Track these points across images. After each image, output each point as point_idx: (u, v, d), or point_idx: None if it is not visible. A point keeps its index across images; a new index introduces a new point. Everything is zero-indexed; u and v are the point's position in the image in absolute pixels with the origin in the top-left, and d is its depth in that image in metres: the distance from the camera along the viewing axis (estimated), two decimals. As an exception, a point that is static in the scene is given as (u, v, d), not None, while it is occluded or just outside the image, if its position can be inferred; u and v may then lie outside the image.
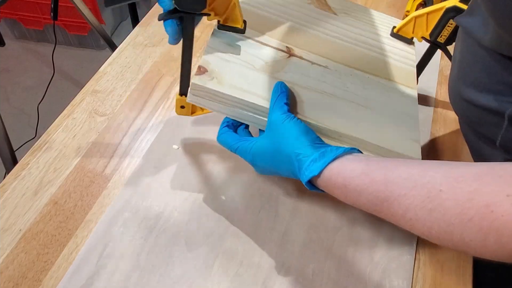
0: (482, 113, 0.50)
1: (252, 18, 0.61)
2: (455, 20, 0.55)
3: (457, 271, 0.53)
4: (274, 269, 0.52)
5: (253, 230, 0.55)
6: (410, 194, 0.39)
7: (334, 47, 0.63)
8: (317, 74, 0.58)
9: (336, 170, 0.44)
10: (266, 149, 0.49)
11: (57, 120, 0.68)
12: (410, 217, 0.38)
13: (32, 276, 0.51)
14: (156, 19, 0.88)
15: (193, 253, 0.53)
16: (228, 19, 0.52)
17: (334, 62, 0.61)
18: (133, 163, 0.63)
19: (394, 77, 0.62)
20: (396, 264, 0.53)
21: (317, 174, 0.44)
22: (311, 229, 0.56)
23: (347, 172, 0.43)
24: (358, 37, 0.66)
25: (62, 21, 1.91)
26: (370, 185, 0.41)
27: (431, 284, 0.52)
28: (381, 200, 0.41)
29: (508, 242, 0.33)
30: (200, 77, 0.52)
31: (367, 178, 0.42)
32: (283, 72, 0.56)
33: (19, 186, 0.60)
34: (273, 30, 0.62)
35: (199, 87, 0.51)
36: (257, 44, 0.59)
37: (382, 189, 0.40)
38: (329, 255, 0.54)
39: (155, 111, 0.70)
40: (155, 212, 0.57)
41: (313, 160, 0.45)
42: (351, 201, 0.44)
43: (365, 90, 0.58)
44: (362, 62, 0.62)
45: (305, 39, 0.63)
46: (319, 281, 0.51)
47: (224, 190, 0.59)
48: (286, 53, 0.59)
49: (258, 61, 0.56)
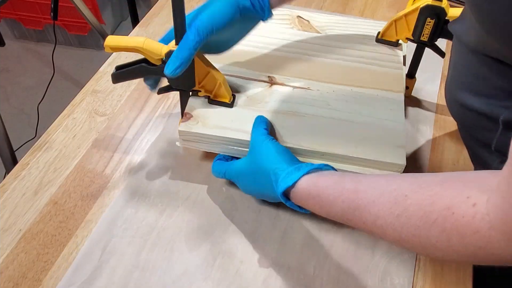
0: (477, 118, 0.50)
1: (235, 54, 0.64)
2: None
3: (457, 271, 0.53)
4: (274, 269, 0.52)
5: (253, 230, 0.55)
6: (378, 201, 0.40)
7: (317, 66, 0.65)
8: (298, 98, 0.61)
9: (311, 181, 0.46)
10: (247, 168, 0.52)
11: (57, 120, 0.68)
12: (381, 223, 0.40)
13: (32, 276, 0.51)
14: (156, 19, 0.88)
15: (193, 252, 0.53)
16: (216, 95, 0.58)
17: (317, 82, 0.63)
18: (133, 163, 0.63)
19: (378, 84, 0.63)
20: (397, 262, 0.53)
21: (292, 185, 0.46)
22: (311, 228, 0.56)
23: (321, 183, 0.45)
24: (342, 51, 0.68)
25: (62, 21, 1.91)
26: (342, 194, 0.43)
27: (431, 284, 0.52)
28: (352, 208, 0.42)
29: (470, 242, 0.34)
30: (186, 124, 0.57)
31: (339, 187, 0.43)
32: (264, 102, 0.60)
33: (19, 186, 0.60)
34: (255, 62, 0.66)
35: (186, 133, 0.56)
36: (239, 80, 0.63)
37: (352, 198, 0.42)
38: (329, 254, 0.54)
39: (155, 111, 0.70)
40: (155, 211, 0.57)
41: (288, 173, 0.47)
42: (325, 211, 0.45)
43: (348, 104, 0.60)
44: (346, 76, 0.64)
45: (287, 64, 0.65)
46: (320, 280, 0.51)
47: (224, 190, 0.59)
48: (268, 82, 0.63)
49: (241, 97, 0.60)
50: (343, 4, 0.92)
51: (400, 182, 0.40)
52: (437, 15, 0.60)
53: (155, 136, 0.66)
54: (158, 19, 0.88)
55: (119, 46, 0.53)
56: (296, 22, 0.73)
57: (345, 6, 0.92)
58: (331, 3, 0.93)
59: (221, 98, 0.59)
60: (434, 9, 0.60)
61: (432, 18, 0.61)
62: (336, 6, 0.92)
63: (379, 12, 0.90)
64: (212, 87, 0.57)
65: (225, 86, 0.58)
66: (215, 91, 0.58)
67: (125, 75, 0.57)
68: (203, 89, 0.58)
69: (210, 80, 0.57)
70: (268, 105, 0.59)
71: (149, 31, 0.85)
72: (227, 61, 0.65)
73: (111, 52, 0.55)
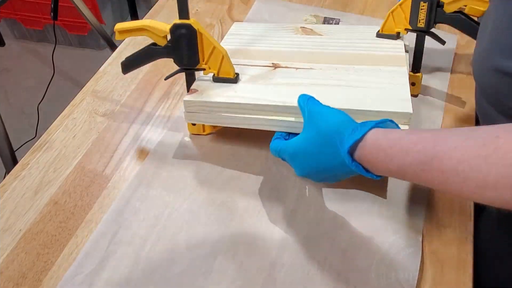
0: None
1: (241, 52, 0.68)
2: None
3: (457, 270, 0.53)
4: (275, 268, 0.52)
5: (254, 229, 0.55)
6: (462, 145, 0.38)
7: (319, 54, 0.67)
8: (302, 75, 0.62)
9: (380, 133, 0.44)
10: (307, 139, 0.50)
11: (57, 120, 0.68)
12: (463, 168, 0.37)
13: (32, 276, 0.51)
14: (156, 19, 0.87)
15: (194, 253, 0.53)
16: (220, 72, 0.61)
17: (319, 64, 0.64)
18: (133, 163, 0.63)
19: (381, 62, 0.64)
20: (402, 257, 0.53)
21: (360, 139, 0.44)
22: (313, 224, 0.56)
23: (392, 134, 0.43)
24: (344, 43, 0.70)
25: (62, 21, 1.91)
26: (418, 143, 0.41)
27: (431, 284, 0.52)
28: (430, 156, 0.39)
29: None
30: (191, 95, 0.59)
31: (414, 137, 0.41)
32: (268, 79, 0.61)
33: (19, 186, 0.60)
34: (260, 55, 0.68)
35: (191, 103, 0.58)
36: (244, 66, 0.64)
37: (431, 146, 0.40)
38: (333, 249, 0.53)
39: (155, 111, 0.70)
40: (156, 211, 0.57)
41: (354, 128, 0.45)
42: (396, 164, 0.42)
43: (350, 75, 0.61)
44: (348, 60, 0.65)
45: (291, 55, 0.67)
46: (323, 275, 0.51)
47: (225, 189, 0.59)
48: (272, 67, 0.64)
49: (245, 76, 0.62)
50: (343, 4, 0.92)
51: (485, 128, 0.38)
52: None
53: (155, 135, 0.66)
54: (158, 19, 0.88)
55: (128, 28, 0.57)
56: (300, 30, 0.75)
57: (345, 6, 0.92)
58: (331, 3, 0.93)
59: (225, 74, 0.60)
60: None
61: (425, 1, 0.62)
62: (336, 6, 0.92)
63: (379, 12, 0.90)
64: (217, 63, 0.59)
65: (228, 60, 0.59)
66: (219, 66, 0.60)
67: (134, 62, 0.61)
68: (207, 66, 0.60)
69: (215, 55, 0.59)
70: (272, 81, 0.61)
71: (149, 31, 0.85)
72: (231, 56, 0.65)
73: (121, 38, 0.59)
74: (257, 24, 0.79)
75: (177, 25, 0.57)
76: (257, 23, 0.80)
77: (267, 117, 0.57)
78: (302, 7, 0.91)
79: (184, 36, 0.57)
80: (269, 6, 0.90)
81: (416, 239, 0.55)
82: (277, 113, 0.56)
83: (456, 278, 0.52)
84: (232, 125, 0.59)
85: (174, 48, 0.59)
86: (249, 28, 0.77)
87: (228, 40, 0.73)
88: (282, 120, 0.57)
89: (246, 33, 0.75)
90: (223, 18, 0.88)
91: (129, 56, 0.61)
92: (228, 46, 0.69)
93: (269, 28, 0.76)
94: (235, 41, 0.72)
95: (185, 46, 0.58)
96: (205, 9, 0.90)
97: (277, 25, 0.77)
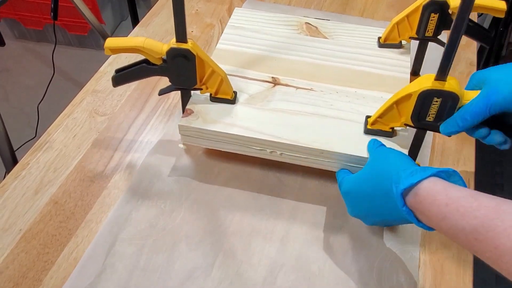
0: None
1: (241, 56, 0.66)
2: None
3: (457, 271, 0.53)
4: (275, 268, 0.52)
5: (254, 230, 0.55)
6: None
7: (321, 69, 0.65)
8: (301, 98, 0.61)
9: (439, 185, 0.40)
10: (363, 176, 0.49)
11: (57, 120, 0.68)
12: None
13: (33, 276, 0.51)
14: (156, 19, 0.88)
15: (194, 252, 0.53)
16: (218, 92, 0.58)
17: (320, 83, 0.63)
18: (133, 163, 0.63)
19: (383, 87, 0.63)
20: (404, 260, 0.53)
21: (415, 184, 0.41)
22: (314, 227, 0.56)
23: (452, 190, 0.39)
24: (348, 55, 0.68)
25: (62, 21, 1.90)
26: (478, 209, 0.37)
27: (431, 284, 0.52)
28: (486, 228, 0.36)
29: None
30: (186, 119, 0.57)
31: (474, 201, 0.38)
32: (266, 101, 0.60)
33: (19, 186, 0.60)
34: (259, 64, 0.66)
35: (186, 128, 0.57)
36: (243, 80, 0.63)
37: (491, 216, 0.36)
38: (333, 251, 0.53)
39: (155, 111, 0.70)
40: (156, 212, 0.57)
41: (413, 172, 0.42)
42: (448, 224, 0.39)
43: (351, 105, 0.60)
44: (350, 79, 0.64)
45: (292, 66, 0.66)
46: (324, 279, 0.51)
47: (225, 190, 0.59)
48: (271, 83, 0.63)
49: (243, 95, 0.61)
50: (343, 4, 0.92)
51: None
52: (440, 8, 0.61)
53: (155, 136, 0.66)
54: (158, 19, 0.88)
55: (119, 47, 0.53)
56: (304, 28, 0.73)
57: (345, 6, 0.92)
58: (331, 3, 0.93)
59: (223, 95, 0.59)
60: (437, 4, 0.61)
61: (436, 12, 0.62)
62: (336, 6, 0.92)
63: (379, 13, 0.90)
64: (215, 84, 0.58)
65: (227, 82, 0.58)
66: (217, 87, 0.58)
67: (126, 77, 0.57)
68: (204, 87, 0.58)
69: (214, 78, 0.57)
70: (270, 104, 0.60)
71: (149, 31, 0.85)
72: (230, 62, 0.65)
73: (111, 54, 0.55)
74: (260, 13, 0.75)
75: (175, 49, 0.53)
76: (260, 12, 0.76)
77: (260, 149, 0.57)
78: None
79: (181, 60, 0.54)
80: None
81: (416, 239, 0.55)
82: (270, 146, 0.56)
83: (456, 278, 0.52)
84: (229, 150, 0.58)
85: (170, 69, 0.55)
86: (251, 18, 0.74)
87: (227, 35, 0.71)
88: (273, 152, 0.57)
89: (248, 26, 0.72)
90: (223, 18, 0.88)
91: (121, 69, 0.56)
92: (228, 46, 0.69)
93: (272, 21, 0.73)
94: (235, 37, 0.70)
95: (182, 69, 0.55)
96: (205, 9, 0.90)
97: (281, 16, 0.74)
